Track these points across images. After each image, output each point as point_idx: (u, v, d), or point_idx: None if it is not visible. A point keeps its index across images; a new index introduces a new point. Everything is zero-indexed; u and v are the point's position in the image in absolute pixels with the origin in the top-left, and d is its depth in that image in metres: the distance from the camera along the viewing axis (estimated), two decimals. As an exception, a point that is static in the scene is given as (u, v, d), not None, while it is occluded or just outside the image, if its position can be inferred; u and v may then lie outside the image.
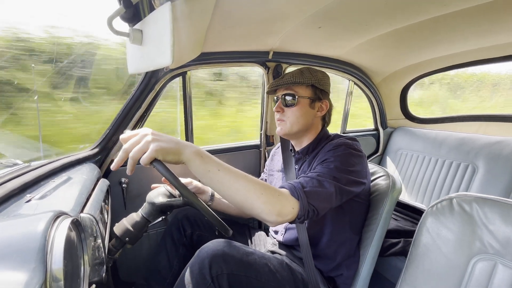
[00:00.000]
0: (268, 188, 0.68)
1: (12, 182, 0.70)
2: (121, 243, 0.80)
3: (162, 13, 0.61)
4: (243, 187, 0.64)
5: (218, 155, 1.47)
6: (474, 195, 0.69)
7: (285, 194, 0.70)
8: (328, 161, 0.81)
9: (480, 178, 1.50)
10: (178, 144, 0.61)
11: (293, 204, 0.69)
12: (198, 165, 0.62)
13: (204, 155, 0.63)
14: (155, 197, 0.82)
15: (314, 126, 1.00)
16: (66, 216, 0.51)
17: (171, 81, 1.28)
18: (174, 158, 0.60)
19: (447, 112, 3.83)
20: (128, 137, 0.62)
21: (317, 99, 0.97)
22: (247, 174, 0.68)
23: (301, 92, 0.96)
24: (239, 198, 0.65)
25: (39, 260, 0.40)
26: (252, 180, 0.67)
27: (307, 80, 0.94)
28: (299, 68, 0.99)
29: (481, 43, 1.34)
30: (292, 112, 0.96)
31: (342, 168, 0.79)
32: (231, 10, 0.89)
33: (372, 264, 0.95)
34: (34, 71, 1.57)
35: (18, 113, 1.66)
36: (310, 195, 0.72)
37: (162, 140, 0.60)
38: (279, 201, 0.67)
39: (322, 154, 0.87)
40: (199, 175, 0.63)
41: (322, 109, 0.99)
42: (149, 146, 0.58)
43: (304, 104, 0.96)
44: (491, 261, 0.64)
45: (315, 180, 0.75)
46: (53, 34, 1.92)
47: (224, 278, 0.71)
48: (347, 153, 0.82)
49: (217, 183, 0.63)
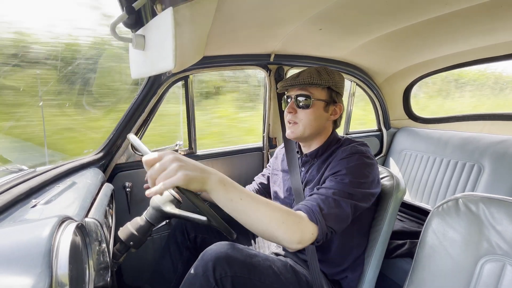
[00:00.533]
0: (288, 216, 0.66)
1: (18, 188, 0.71)
2: (125, 247, 0.81)
3: (164, 18, 0.62)
4: (265, 216, 0.63)
5: (221, 158, 1.48)
6: (480, 195, 0.68)
7: (304, 220, 0.69)
8: (341, 174, 0.79)
9: (486, 178, 1.48)
10: (203, 173, 0.60)
11: (313, 230, 0.69)
12: (221, 195, 0.60)
13: (227, 183, 0.62)
14: (162, 204, 0.82)
15: (325, 129, 0.96)
16: (71, 221, 0.51)
17: (174, 85, 1.29)
18: (197, 187, 0.58)
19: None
20: (151, 160, 0.59)
21: (332, 102, 0.93)
22: (268, 201, 0.66)
23: (317, 94, 0.91)
24: (261, 227, 0.64)
25: (45, 265, 0.40)
26: (273, 208, 0.66)
27: (324, 82, 0.89)
28: (315, 68, 0.93)
29: (484, 41, 1.33)
30: (305, 115, 0.91)
31: (356, 182, 0.77)
32: (233, 14, 0.89)
33: (378, 266, 0.94)
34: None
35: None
36: (328, 217, 0.71)
37: (188, 168, 0.58)
38: (299, 229, 0.67)
39: (334, 162, 0.85)
40: (220, 203, 0.62)
41: (336, 112, 0.95)
42: (175, 174, 0.56)
43: (319, 107, 0.91)
44: (499, 262, 0.62)
45: (331, 199, 0.74)
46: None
47: (228, 281, 0.71)
48: (360, 163, 0.80)
49: (239, 212, 0.62)
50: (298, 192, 0.96)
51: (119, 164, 1.24)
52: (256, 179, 1.25)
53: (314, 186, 0.90)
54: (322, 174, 0.89)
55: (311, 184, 0.92)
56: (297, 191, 0.96)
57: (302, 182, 0.97)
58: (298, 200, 0.94)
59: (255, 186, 1.23)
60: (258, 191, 1.21)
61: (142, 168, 1.28)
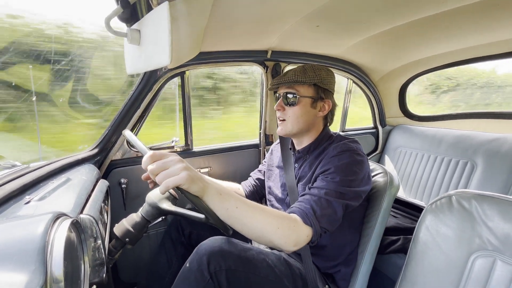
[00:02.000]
0: (282, 221, 0.69)
1: (11, 184, 0.70)
2: (121, 244, 0.80)
3: (159, 13, 0.61)
4: (260, 223, 0.66)
5: (217, 154, 1.48)
6: (473, 192, 0.70)
7: (298, 224, 0.72)
8: (332, 172, 0.81)
9: (478, 175, 1.51)
10: (203, 180, 0.62)
11: (307, 232, 0.72)
12: (217, 203, 0.63)
13: (223, 193, 0.64)
14: (158, 201, 0.82)
15: (315, 125, 0.98)
16: (66, 217, 0.51)
17: (170, 80, 1.27)
18: (197, 191, 0.61)
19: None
20: (157, 156, 0.61)
21: (319, 98, 0.95)
22: (263, 207, 0.69)
23: (302, 91, 0.94)
24: (256, 234, 0.67)
25: (39, 262, 0.39)
26: (268, 214, 0.68)
27: (309, 79, 0.92)
28: (303, 66, 0.96)
29: (479, 40, 1.34)
30: (292, 112, 0.94)
31: (346, 180, 0.79)
32: (229, 9, 0.88)
33: (372, 260, 0.95)
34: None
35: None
36: (322, 219, 0.75)
37: (193, 172, 0.60)
38: (294, 232, 0.70)
39: (325, 160, 0.86)
40: (217, 212, 0.64)
41: (324, 108, 0.97)
42: (179, 173, 0.58)
43: (305, 103, 0.94)
44: (490, 257, 0.64)
45: (324, 200, 0.77)
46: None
47: (223, 274, 0.72)
48: (351, 161, 0.82)
49: (234, 219, 0.65)
50: (292, 188, 0.97)
51: (114, 161, 1.23)
52: (253, 175, 1.26)
53: (307, 182, 0.91)
54: (314, 170, 0.90)
55: (304, 180, 0.94)
56: (290, 187, 0.97)
57: (296, 178, 0.99)
58: (291, 196, 0.96)
59: (252, 181, 1.23)
60: (255, 187, 1.21)
61: (138, 165, 1.27)
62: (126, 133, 0.79)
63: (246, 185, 1.23)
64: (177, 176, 0.57)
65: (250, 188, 1.21)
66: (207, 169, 1.46)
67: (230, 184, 1.22)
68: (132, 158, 1.28)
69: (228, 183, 1.21)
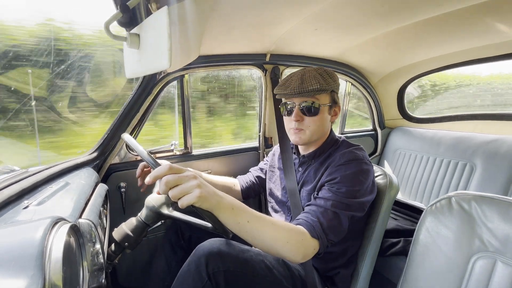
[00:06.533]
0: (291, 235, 0.70)
1: (10, 189, 0.70)
2: (120, 248, 0.80)
3: (159, 17, 0.62)
4: (270, 237, 0.67)
5: (217, 157, 1.47)
6: (473, 193, 0.70)
7: (306, 237, 0.73)
8: (338, 182, 0.81)
9: (478, 177, 1.51)
10: (216, 196, 0.62)
11: (315, 245, 0.74)
12: (229, 217, 0.63)
13: (235, 207, 0.64)
14: (157, 205, 0.82)
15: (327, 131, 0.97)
16: (65, 222, 0.50)
17: (169, 84, 1.28)
18: (209, 207, 0.61)
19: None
20: (176, 170, 0.60)
21: (334, 104, 0.94)
22: (273, 221, 0.70)
23: (322, 99, 0.89)
24: (266, 247, 0.68)
25: (38, 267, 0.39)
26: (278, 228, 0.69)
27: (330, 86, 0.88)
28: (316, 71, 0.90)
29: (476, 42, 1.35)
30: (313, 121, 0.90)
31: (352, 191, 0.80)
32: (228, 13, 0.89)
33: (372, 263, 0.95)
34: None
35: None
36: (329, 231, 0.76)
37: (206, 189, 0.60)
38: (302, 246, 0.71)
39: (332, 168, 0.85)
40: (228, 225, 0.64)
41: (336, 113, 0.96)
42: (193, 191, 0.57)
43: (324, 111, 0.91)
44: (491, 259, 0.64)
45: (330, 212, 0.77)
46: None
47: (221, 275, 0.72)
48: (357, 170, 0.82)
49: (245, 233, 0.65)
50: (292, 192, 0.96)
51: (113, 164, 1.23)
52: (253, 172, 1.25)
53: (312, 189, 0.91)
54: (320, 177, 0.89)
55: (309, 186, 0.93)
56: (291, 191, 0.97)
57: (299, 182, 0.98)
58: (292, 199, 0.95)
59: (251, 178, 1.22)
60: (253, 184, 1.21)
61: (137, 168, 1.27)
62: (125, 137, 0.79)
63: (243, 180, 1.22)
64: (191, 194, 0.57)
65: (247, 184, 1.20)
66: (207, 172, 1.46)
67: (226, 179, 1.21)
68: (132, 162, 1.28)
69: (224, 178, 1.21)
